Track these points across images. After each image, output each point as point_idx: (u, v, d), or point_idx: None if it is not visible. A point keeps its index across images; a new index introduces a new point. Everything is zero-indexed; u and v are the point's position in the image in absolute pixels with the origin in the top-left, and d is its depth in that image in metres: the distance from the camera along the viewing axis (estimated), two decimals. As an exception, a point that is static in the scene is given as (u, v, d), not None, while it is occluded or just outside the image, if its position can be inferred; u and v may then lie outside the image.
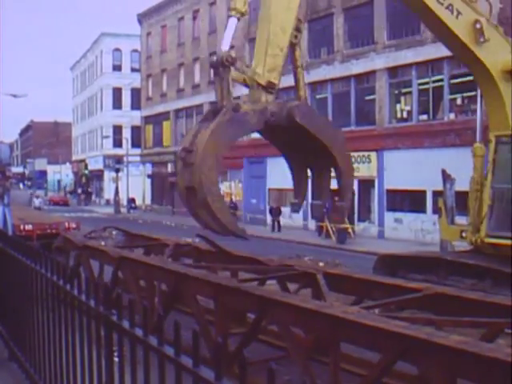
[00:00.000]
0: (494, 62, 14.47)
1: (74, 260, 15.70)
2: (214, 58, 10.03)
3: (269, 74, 10.40)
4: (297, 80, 11.54)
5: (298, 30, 11.17)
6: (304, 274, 11.20)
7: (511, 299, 8.94)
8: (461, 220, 17.10)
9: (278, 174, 40.08)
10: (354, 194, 11.91)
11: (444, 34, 14.70)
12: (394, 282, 10.52)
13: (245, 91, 11.11)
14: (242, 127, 10.18)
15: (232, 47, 10.46)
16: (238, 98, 10.46)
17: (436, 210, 19.81)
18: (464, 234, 15.95)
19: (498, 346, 6.30)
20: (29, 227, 25.52)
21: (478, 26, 13.88)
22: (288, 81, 11.86)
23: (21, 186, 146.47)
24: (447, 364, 6.36)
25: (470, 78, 30.11)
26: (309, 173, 11.97)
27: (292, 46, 11.19)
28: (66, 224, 28.33)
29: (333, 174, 11.49)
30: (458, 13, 13.80)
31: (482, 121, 21.31)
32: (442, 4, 13.60)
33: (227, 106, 9.74)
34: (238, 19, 10.38)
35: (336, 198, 11.98)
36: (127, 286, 12.78)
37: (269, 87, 10.38)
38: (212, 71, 10.40)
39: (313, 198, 12.01)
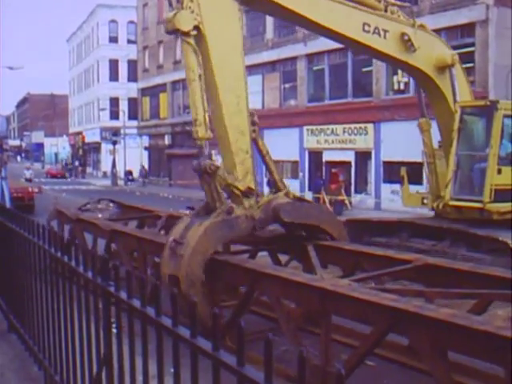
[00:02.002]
0: (429, 64, 14.93)
1: (68, 233, 15.82)
2: (197, 165, 10.30)
3: (244, 180, 10.78)
4: (268, 167, 12.04)
5: (253, 124, 11.45)
6: (295, 245, 11.51)
7: (500, 270, 9.07)
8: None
9: (276, 145, 40.08)
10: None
11: (376, 55, 15.08)
12: (384, 254, 10.62)
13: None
14: (232, 230, 10.42)
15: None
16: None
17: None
18: (425, 201, 17.30)
19: (487, 319, 6.34)
20: None
21: (405, 37, 14.06)
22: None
23: (18, 158, 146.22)
24: (437, 337, 6.40)
25: (467, 49, 30.31)
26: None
27: (254, 140, 11.49)
28: (30, 189, 34.57)
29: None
30: (385, 32, 13.83)
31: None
32: (368, 32, 13.58)
33: (222, 208, 10.18)
34: (207, 143, 10.47)
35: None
36: (120, 258, 12.91)
37: (248, 192, 10.79)
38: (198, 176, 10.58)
39: None
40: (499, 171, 15.26)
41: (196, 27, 10.43)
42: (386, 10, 14.14)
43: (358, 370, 8.51)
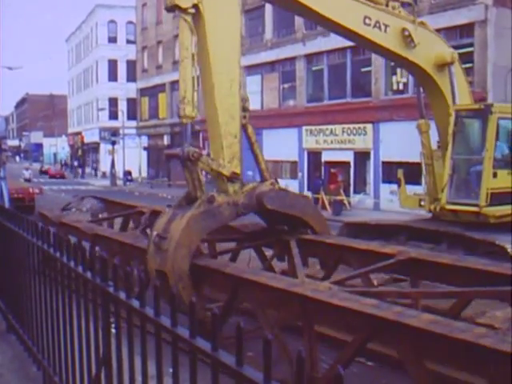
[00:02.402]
0: (428, 60, 15.07)
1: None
2: (180, 152, 10.34)
3: (230, 165, 10.74)
4: (255, 156, 12.11)
5: (244, 109, 11.52)
6: (278, 241, 11.61)
7: (480, 263, 9.13)
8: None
9: (274, 145, 40.09)
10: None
11: (376, 49, 15.17)
12: (367, 247, 10.62)
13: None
14: (216, 219, 10.42)
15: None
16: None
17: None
18: (423, 203, 17.30)
19: (468, 326, 6.16)
20: None
21: (406, 33, 14.22)
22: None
23: (17, 158, 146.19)
24: (418, 345, 6.30)
25: (465, 50, 30.30)
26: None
27: (243, 126, 11.50)
28: (30, 189, 33.50)
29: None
30: (386, 26, 14.01)
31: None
32: (369, 25, 13.73)
33: (202, 198, 10.17)
34: (191, 123, 10.55)
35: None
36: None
37: (233, 177, 10.77)
38: (180, 163, 10.61)
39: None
40: (495, 175, 15.30)
41: (195, 6, 10.45)
42: (387, 5, 14.27)
43: (357, 370, 8.54)
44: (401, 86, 36.37)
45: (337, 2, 13.16)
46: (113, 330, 4.22)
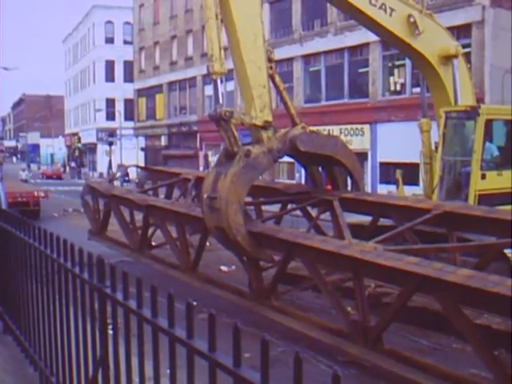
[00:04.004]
0: (431, 50, 15.19)
1: (104, 207, 16.38)
2: (213, 113, 10.96)
3: (262, 114, 11.40)
4: (284, 102, 12.77)
5: (270, 60, 12.18)
6: (322, 200, 12.51)
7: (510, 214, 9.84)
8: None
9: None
10: (346, 181, 13.28)
11: (380, 31, 15.26)
12: (404, 203, 11.51)
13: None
14: (256, 170, 11.23)
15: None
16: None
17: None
18: None
19: (501, 280, 6.80)
20: None
21: (411, 19, 14.41)
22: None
23: (14, 159, 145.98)
24: (456, 297, 7.11)
25: (464, 50, 30.28)
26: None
27: (271, 76, 12.13)
28: (35, 193, 30.95)
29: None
30: (392, 10, 14.25)
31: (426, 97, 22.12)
32: (374, 6, 14.01)
33: (240, 154, 10.82)
34: (221, 79, 11.19)
35: (329, 187, 13.02)
36: (159, 227, 14.33)
37: (266, 126, 11.41)
38: (215, 123, 11.22)
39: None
40: (483, 176, 15.28)
41: None
42: None
43: (354, 370, 8.55)
44: (398, 87, 36.41)
45: None
46: (110, 331, 4.22)
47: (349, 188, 13.46)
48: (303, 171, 14.24)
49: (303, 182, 41.61)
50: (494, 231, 9.82)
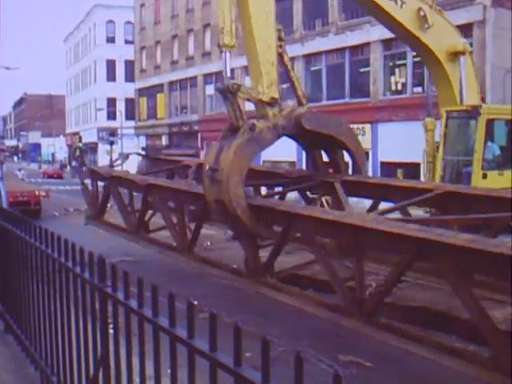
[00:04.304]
0: (439, 46, 15.26)
1: (103, 190, 16.48)
2: (220, 85, 11.12)
3: (269, 90, 11.52)
4: (292, 82, 12.91)
5: (280, 39, 12.27)
6: (323, 183, 12.57)
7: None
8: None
9: (273, 145, 40.03)
10: (347, 165, 13.29)
11: (390, 22, 15.38)
12: (405, 184, 11.70)
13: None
14: (260, 144, 11.32)
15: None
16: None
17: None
18: None
19: (501, 242, 6.92)
20: None
21: (421, 13, 14.54)
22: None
23: (15, 159, 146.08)
24: (458, 261, 7.12)
25: (470, 49, 30.28)
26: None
27: (280, 55, 12.28)
28: (37, 192, 30.58)
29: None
30: (403, 2, 14.40)
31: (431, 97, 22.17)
32: None
33: (244, 127, 10.91)
34: (230, 52, 11.48)
35: (330, 170, 12.98)
36: (157, 208, 14.33)
37: (272, 102, 11.52)
38: (222, 96, 11.35)
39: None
40: (484, 176, 15.27)
41: None
42: None
43: (356, 370, 8.55)
44: (399, 87, 36.42)
45: None
46: (111, 331, 4.22)
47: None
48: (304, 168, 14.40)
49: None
50: (496, 210, 9.86)
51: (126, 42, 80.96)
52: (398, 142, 34.08)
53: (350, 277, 10.30)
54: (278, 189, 14.41)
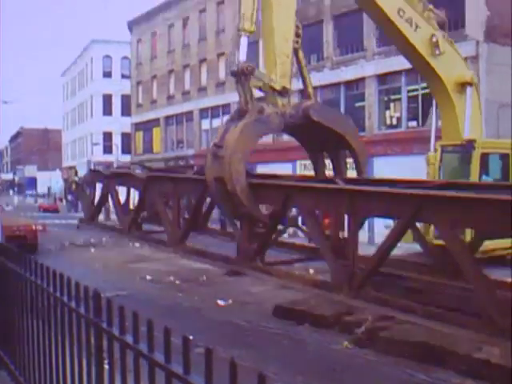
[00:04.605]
0: (448, 74, 15.61)
1: (101, 190, 16.68)
2: (235, 67, 11.50)
3: (281, 80, 12.03)
4: (303, 78, 13.65)
5: (297, 35, 12.84)
6: (324, 180, 12.77)
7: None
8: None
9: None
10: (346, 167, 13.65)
11: (403, 45, 15.69)
12: (410, 179, 12.42)
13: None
14: (266, 127, 11.67)
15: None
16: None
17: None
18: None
19: (490, 196, 7.42)
20: None
21: (434, 39, 14.93)
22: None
23: (10, 192, 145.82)
24: (456, 215, 7.50)
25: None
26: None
27: (295, 50, 12.85)
28: (33, 226, 29.26)
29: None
30: (417, 26, 14.79)
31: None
32: (401, 17, 14.53)
33: (253, 109, 11.20)
34: (248, 37, 11.74)
35: (328, 173, 13.40)
36: (154, 204, 14.45)
37: (283, 92, 12.04)
38: (234, 79, 11.75)
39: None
40: None
41: None
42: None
43: (355, 361, 8.49)
44: (394, 121, 36.61)
45: None
46: (106, 366, 4.18)
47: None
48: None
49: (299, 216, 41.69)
50: None
51: (123, 76, 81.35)
52: (394, 176, 34.08)
53: (346, 311, 10.28)
54: None
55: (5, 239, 22.74)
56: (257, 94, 12.31)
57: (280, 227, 12.56)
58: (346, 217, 12.76)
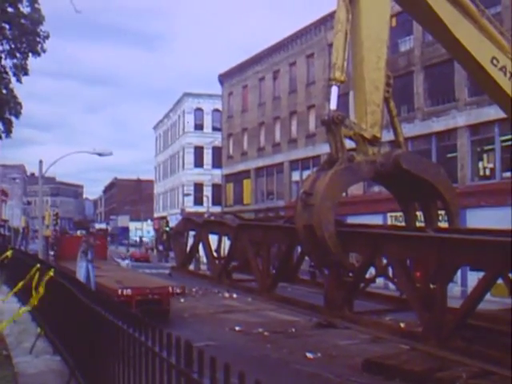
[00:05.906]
0: None
1: (193, 238, 16.99)
2: (325, 116, 11.61)
3: (371, 129, 12.03)
4: (394, 128, 13.65)
5: (388, 85, 12.86)
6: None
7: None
8: None
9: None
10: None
11: (497, 94, 15.37)
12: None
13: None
14: (356, 175, 11.71)
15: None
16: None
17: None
18: None
19: None
20: (127, 292, 21.67)
21: None
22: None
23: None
24: None
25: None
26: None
27: (386, 100, 12.88)
28: (170, 289, 23.40)
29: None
30: (511, 74, 14.46)
31: None
32: (495, 66, 14.30)
33: (343, 157, 11.25)
34: (339, 87, 11.79)
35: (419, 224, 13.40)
36: (245, 251, 14.53)
37: (373, 141, 12.04)
38: (325, 128, 11.88)
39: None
40: None
41: None
42: (501, 33, 14.84)
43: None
44: (488, 172, 35.83)
45: (471, 33, 13.83)
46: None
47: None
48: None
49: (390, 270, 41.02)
50: None
51: (214, 128, 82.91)
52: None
53: (438, 367, 10.01)
54: None
55: (135, 304, 20.43)
56: (348, 144, 12.30)
57: (368, 276, 12.41)
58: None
